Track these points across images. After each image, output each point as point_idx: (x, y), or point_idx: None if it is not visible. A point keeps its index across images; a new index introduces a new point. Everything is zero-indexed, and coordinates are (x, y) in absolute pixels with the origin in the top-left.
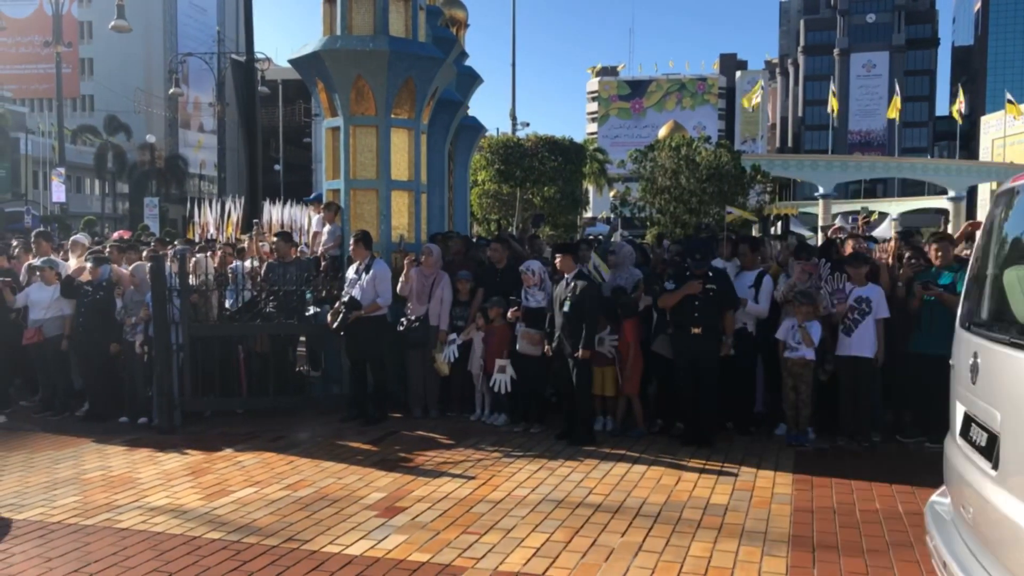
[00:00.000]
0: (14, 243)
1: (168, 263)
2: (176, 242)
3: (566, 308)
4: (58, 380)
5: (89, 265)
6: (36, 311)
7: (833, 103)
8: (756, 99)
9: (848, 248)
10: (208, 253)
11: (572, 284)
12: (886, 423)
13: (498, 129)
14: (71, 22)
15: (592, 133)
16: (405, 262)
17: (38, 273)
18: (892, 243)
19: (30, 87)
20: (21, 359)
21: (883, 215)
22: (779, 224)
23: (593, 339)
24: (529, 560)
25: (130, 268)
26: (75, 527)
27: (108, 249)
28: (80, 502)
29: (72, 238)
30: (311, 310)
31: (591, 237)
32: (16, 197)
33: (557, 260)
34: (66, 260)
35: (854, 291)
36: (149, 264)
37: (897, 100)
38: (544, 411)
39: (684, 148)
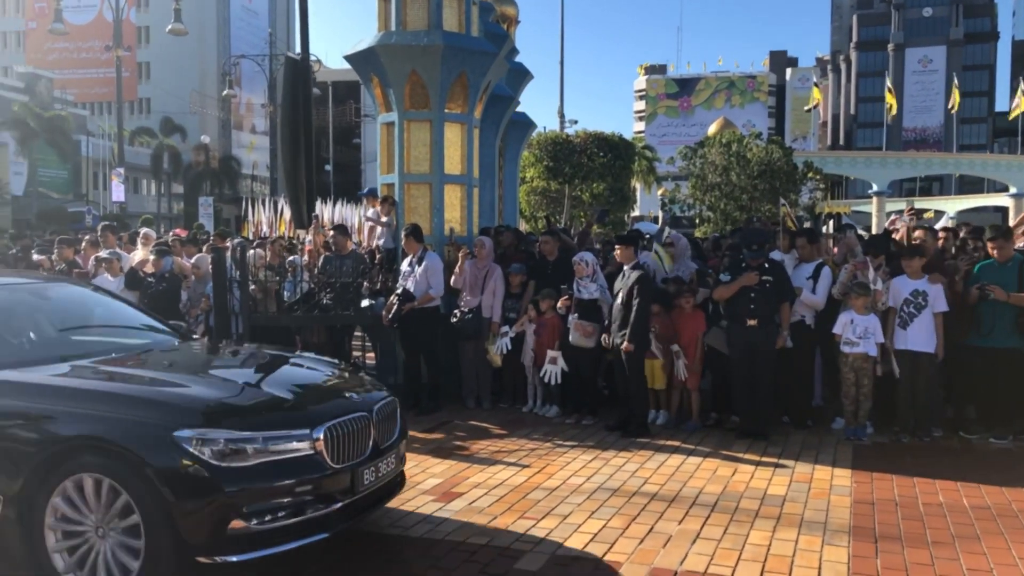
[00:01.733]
0: (86, 237)
1: (228, 255)
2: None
3: (619, 299)
4: None
5: (152, 257)
6: None
7: (890, 99)
8: (814, 101)
9: (919, 235)
10: (268, 247)
11: (628, 275)
12: (948, 418)
13: (545, 127)
14: (129, 27)
15: (639, 132)
16: (459, 255)
17: (104, 265)
18: (941, 234)
19: (91, 91)
20: None
21: (939, 213)
22: (831, 223)
23: (640, 333)
24: (587, 545)
25: (193, 260)
26: None
27: (172, 241)
28: None
29: (143, 231)
30: (366, 302)
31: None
32: (77, 197)
33: (617, 251)
34: (129, 253)
35: (910, 284)
36: (211, 255)
37: (956, 93)
38: (596, 403)
39: (735, 144)
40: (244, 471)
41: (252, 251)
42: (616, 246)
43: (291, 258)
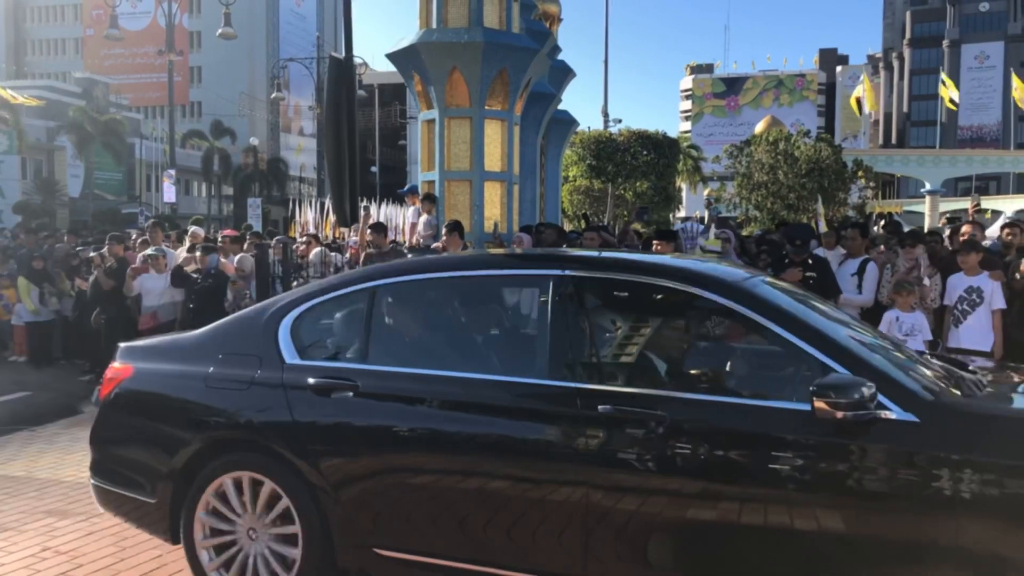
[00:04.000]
0: (133, 235)
1: (271, 251)
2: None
3: None
4: None
5: (198, 254)
6: (150, 298)
7: (945, 93)
8: (859, 94)
9: (966, 230)
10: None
11: None
12: None
13: (589, 126)
14: (182, 32)
15: (686, 132)
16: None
17: (150, 261)
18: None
19: (145, 95)
20: None
21: (996, 213)
22: (880, 223)
23: None
24: None
25: (236, 259)
26: None
27: (221, 239)
28: None
29: (191, 229)
30: None
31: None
32: (131, 199)
33: (656, 247)
34: (176, 250)
35: (965, 280)
36: (254, 253)
37: (1019, 88)
38: None
39: (782, 143)
40: None
41: (319, 249)
42: (655, 241)
43: (332, 254)
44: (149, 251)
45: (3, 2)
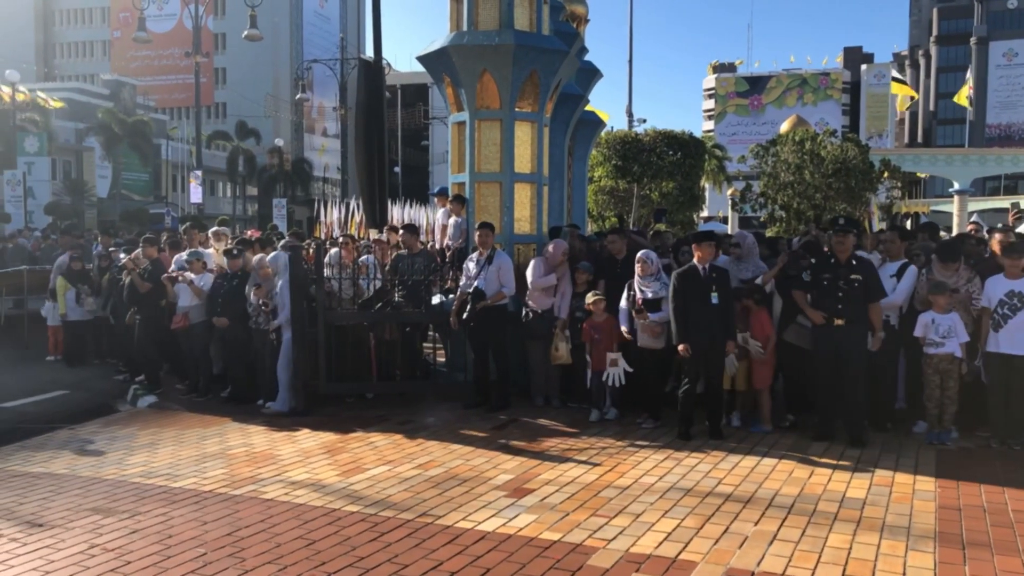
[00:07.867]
0: (164, 236)
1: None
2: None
3: (714, 300)
4: (202, 363)
5: (227, 260)
6: (183, 299)
7: (963, 99)
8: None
9: (995, 242)
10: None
11: (714, 275)
12: None
13: (613, 127)
14: (207, 34)
15: (709, 131)
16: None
17: (186, 264)
18: None
19: (171, 96)
20: (171, 344)
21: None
22: (908, 223)
23: (733, 331)
24: (660, 544)
25: (255, 259)
26: (225, 496)
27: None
28: (227, 474)
29: (213, 229)
30: (437, 299)
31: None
32: (157, 199)
33: (696, 251)
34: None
35: (1005, 284)
36: (281, 255)
37: None
38: (658, 406)
39: (808, 142)
40: None
41: (335, 251)
42: (695, 245)
43: (363, 258)
44: (184, 254)
45: (33, 6)
